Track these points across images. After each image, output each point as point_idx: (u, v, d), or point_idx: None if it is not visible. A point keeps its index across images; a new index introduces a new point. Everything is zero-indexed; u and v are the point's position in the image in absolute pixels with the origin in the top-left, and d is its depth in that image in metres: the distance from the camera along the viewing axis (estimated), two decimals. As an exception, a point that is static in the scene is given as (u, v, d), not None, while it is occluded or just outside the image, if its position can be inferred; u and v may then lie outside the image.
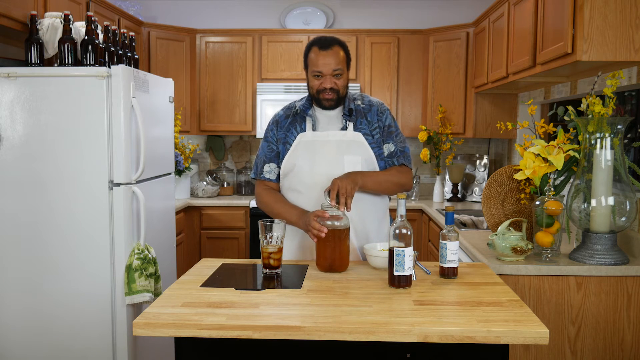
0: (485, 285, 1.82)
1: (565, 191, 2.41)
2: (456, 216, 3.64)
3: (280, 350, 1.55)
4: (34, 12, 2.60)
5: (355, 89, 4.29)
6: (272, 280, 1.88)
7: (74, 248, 2.57)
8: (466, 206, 4.21)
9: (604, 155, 2.16)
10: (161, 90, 3.08)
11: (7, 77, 2.51)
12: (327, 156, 2.17)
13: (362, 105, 2.25)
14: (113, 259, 2.59)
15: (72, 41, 2.59)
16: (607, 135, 2.15)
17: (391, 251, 1.75)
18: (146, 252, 2.64)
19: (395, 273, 1.75)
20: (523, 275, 2.20)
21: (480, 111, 4.17)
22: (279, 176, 2.27)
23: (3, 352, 2.60)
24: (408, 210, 4.09)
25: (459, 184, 4.48)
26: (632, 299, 2.19)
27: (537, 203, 2.25)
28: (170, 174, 3.29)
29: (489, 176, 4.35)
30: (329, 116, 2.23)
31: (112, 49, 2.77)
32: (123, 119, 2.55)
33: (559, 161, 2.21)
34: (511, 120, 4.15)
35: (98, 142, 2.54)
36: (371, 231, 2.22)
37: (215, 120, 4.54)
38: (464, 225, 3.46)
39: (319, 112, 2.24)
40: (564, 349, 2.22)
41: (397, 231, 1.74)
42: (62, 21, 2.60)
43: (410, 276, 1.77)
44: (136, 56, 3.00)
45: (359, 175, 2.08)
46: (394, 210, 1.85)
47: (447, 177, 4.52)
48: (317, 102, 2.20)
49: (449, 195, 4.49)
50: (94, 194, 2.55)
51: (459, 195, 4.46)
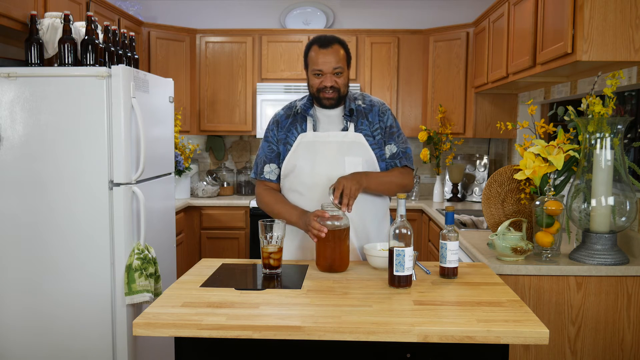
0: (485, 285, 1.82)
1: (565, 191, 2.41)
2: (456, 216, 3.64)
3: (280, 350, 1.55)
4: (34, 12, 2.60)
5: (355, 88, 4.29)
6: (272, 280, 1.88)
7: (74, 248, 2.57)
8: (466, 206, 4.21)
9: (604, 155, 2.16)
10: (161, 90, 3.08)
11: (7, 77, 2.51)
12: (328, 157, 2.17)
13: (363, 105, 2.23)
14: (113, 259, 2.59)
15: (72, 41, 2.60)
16: (607, 135, 2.15)
17: (391, 251, 1.75)
18: (146, 252, 2.64)
19: (395, 273, 1.75)
20: (523, 275, 2.20)
21: (480, 111, 4.17)
22: (279, 176, 2.27)
23: (3, 352, 2.60)
24: (408, 210, 4.09)
25: (459, 184, 4.48)
26: (632, 299, 2.19)
27: (537, 203, 2.25)
28: (170, 174, 3.29)
29: (489, 176, 4.35)
30: (329, 116, 2.22)
31: (112, 49, 2.77)
32: (123, 119, 2.55)
33: (559, 161, 2.21)
34: (511, 120, 4.15)
35: (98, 142, 2.54)
36: (371, 231, 2.22)
37: (215, 120, 4.54)
38: (464, 225, 3.46)
39: (320, 112, 2.23)
40: (564, 349, 2.22)
41: (397, 231, 1.74)
42: (62, 21, 2.60)
43: (410, 276, 1.77)
44: (136, 56, 3.00)
45: (364, 176, 2.07)
46: (394, 210, 1.85)
47: (447, 177, 4.52)
48: (318, 101, 2.19)
49: (449, 195, 4.49)
50: (94, 194, 2.56)
51: (459, 195, 4.46)
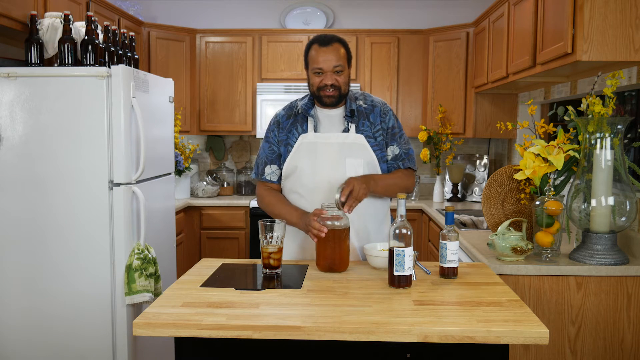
0: (485, 285, 1.82)
1: (565, 191, 2.41)
2: (456, 216, 3.64)
3: (280, 350, 1.55)
4: (34, 12, 2.60)
5: (355, 88, 4.28)
6: (272, 280, 1.88)
7: (74, 248, 2.57)
8: (466, 206, 4.21)
9: (604, 155, 2.15)
10: (161, 90, 3.08)
11: (7, 77, 2.51)
12: (329, 159, 2.16)
13: (364, 106, 2.23)
14: (113, 259, 2.59)
15: (72, 41, 2.59)
16: (607, 135, 2.14)
17: (391, 251, 1.75)
18: (146, 252, 2.64)
19: (395, 273, 1.75)
20: (523, 275, 2.20)
21: (480, 111, 4.17)
22: (280, 177, 2.26)
23: (3, 352, 2.60)
24: (408, 210, 4.09)
25: (459, 184, 4.48)
26: (632, 299, 2.19)
27: (537, 203, 2.25)
28: (170, 174, 3.29)
29: (489, 176, 4.35)
30: (330, 117, 2.22)
31: (112, 49, 2.77)
32: (123, 119, 2.55)
33: (559, 161, 2.21)
34: (511, 120, 4.15)
35: (98, 142, 2.54)
36: (372, 231, 2.22)
37: (215, 120, 4.54)
38: (464, 225, 3.46)
39: (321, 112, 2.22)
40: (564, 349, 2.22)
41: (397, 231, 1.74)
42: (62, 21, 2.60)
43: (410, 276, 1.77)
44: (136, 56, 3.00)
45: (372, 180, 2.08)
46: (394, 211, 1.85)
47: (447, 177, 4.52)
48: (319, 100, 2.18)
49: (449, 195, 4.49)
50: (94, 194, 2.56)
51: (459, 195, 4.46)
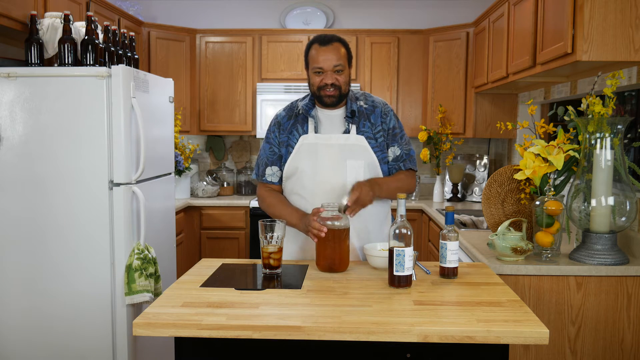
0: (485, 285, 1.82)
1: (565, 191, 2.41)
2: (456, 216, 3.64)
3: (280, 350, 1.55)
4: (34, 12, 2.60)
5: (355, 88, 4.29)
6: (272, 280, 1.88)
7: (74, 248, 2.57)
8: (466, 206, 4.21)
9: (604, 155, 2.15)
10: (161, 90, 3.08)
11: (7, 77, 2.51)
12: (330, 160, 2.16)
13: (364, 106, 2.22)
14: (113, 259, 2.59)
15: (72, 41, 2.59)
16: (607, 135, 2.14)
17: (391, 251, 1.75)
18: (146, 252, 2.64)
19: (395, 273, 1.75)
20: (523, 275, 2.20)
21: (480, 111, 4.17)
22: (281, 178, 2.26)
23: (3, 352, 2.60)
24: (408, 210, 4.09)
25: (459, 184, 4.48)
26: (632, 299, 2.19)
27: (537, 203, 2.25)
28: (170, 174, 3.29)
29: (489, 176, 4.35)
30: (331, 117, 2.21)
31: (112, 49, 2.77)
32: (123, 119, 2.55)
33: (559, 161, 2.21)
34: (511, 120, 4.15)
35: (98, 142, 2.54)
36: (373, 232, 2.22)
37: (215, 120, 4.54)
38: (464, 225, 3.46)
39: (322, 113, 2.22)
40: (564, 349, 2.22)
41: (397, 231, 1.74)
42: (62, 21, 2.60)
43: (410, 276, 1.77)
44: (136, 56, 3.00)
45: (377, 186, 2.09)
46: (395, 211, 1.85)
47: (447, 177, 4.52)
48: (319, 100, 2.17)
49: (449, 195, 4.49)
50: (94, 194, 2.56)
51: (459, 195, 4.46)
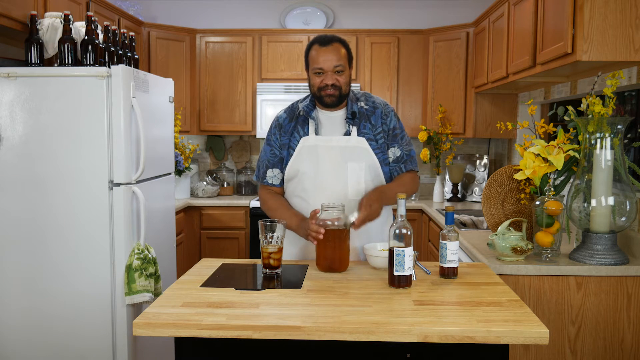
0: (485, 285, 1.82)
1: (565, 191, 2.41)
2: (456, 216, 3.64)
3: (280, 350, 1.55)
4: (34, 12, 2.60)
5: (355, 88, 4.29)
6: (272, 280, 1.88)
7: (74, 248, 2.57)
8: (466, 206, 4.21)
9: (604, 155, 2.15)
10: (161, 90, 3.08)
11: (7, 77, 2.51)
12: (331, 163, 2.15)
13: (365, 107, 2.21)
14: (113, 259, 2.59)
15: (72, 41, 2.59)
16: (607, 135, 2.14)
17: (391, 251, 1.75)
18: (146, 252, 2.64)
19: (395, 273, 1.75)
20: (523, 275, 2.20)
21: (480, 111, 4.17)
22: (283, 180, 2.26)
23: (3, 352, 2.60)
24: (408, 210, 4.09)
25: (459, 184, 4.48)
26: (632, 299, 2.19)
27: (537, 203, 2.25)
28: (170, 174, 3.29)
29: (489, 176, 4.35)
30: (332, 119, 2.21)
31: (112, 49, 2.77)
32: (123, 119, 2.55)
33: (559, 161, 2.21)
34: (511, 120, 4.15)
35: (98, 142, 2.54)
36: (373, 232, 2.21)
37: (215, 120, 4.54)
38: (464, 225, 3.46)
39: (322, 114, 2.21)
40: (564, 349, 2.22)
41: (397, 231, 1.74)
42: (62, 21, 2.60)
43: (410, 276, 1.77)
44: (136, 56, 3.00)
45: (384, 196, 2.08)
46: (395, 210, 1.86)
47: (447, 177, 4.52)
48: (319, 100, 2.17)
49: (449, 195, 4.49)
50: (94, 194, 2.56)
51: (459, 195, 4.46)
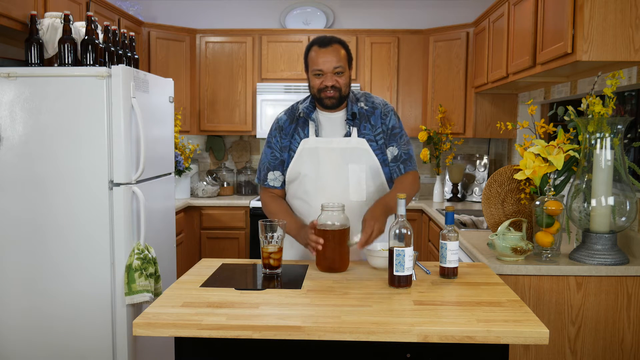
0: (485, 285, 1.82)
1: (565, 191, 2.41)
2: (456, 216, 3.64)
3: (280, 350, 1.55)
4: (34, 12, 2.60)
5: (355, 88, 4.29)
6: (272, 280, 1.88)
7: (74, 248, 2.57)
8: (466, 206, 4.21)
9: (604, 155, 2.15)
10: (161, 90, 3.08)
11: (7, 77, 2.51)
12: (332, 165, 2.15)
13: (365, 108, 2.21)
14: (113, 259, 2.59)
15: (72, 41, 2.59)
16: (607, 135, 2.14)
17: (391, 251, 1.75)
18: (146, 252, 2.64)
19: (395, 273, 1.75)
20: (523, 275, 2.20)
21: (480, 111, 4.17)
22: (284, 182, 2.26)
23: (3, 352, 2.60)
24: (408, 210, 4.08)
25: (459, 184, 4.48)
26: (632, 299, 2.19)
27: (537, 203, 2.25)
28: (170, 174, 3.29)
29: (489, 176, 4.35)
30: (332, 120, 2.21)
31: (112, 49, 2.77)
32: (123, 119, 2.55)
33: (559, 161, 2.21)
34: (511, 120, 4.15)
35: (98, 142, 2.54)
36: None
37: (215, 120, 4.54)
38: (464, 225, 3.46)
39: (322, 116, 2.21)
40: (564, 349, 2.22)
41: (397, 231, 1.74)
42: (62, 21, 2.60)
43: (410, 276, 1.77)
44: (136, 56, 3.00)
45: (389, 210, 2.03)
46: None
47: (447, 177, 4.52)
48: (319, 102, 2.16)
49: (449, 195, 4.49)
50: (94, 194, 2.55)
51: (459, 195, 4.46)
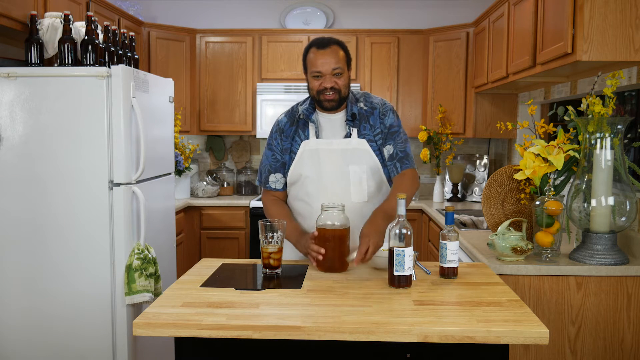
0: (485, 285, 1.82)
1: (565, 191, 2.41)
2: (456, 216, 3.64)
3: (280, 350, 1.55)
4: (34, 12, 2.60)
5: (355, 88, 4.29)
6: (272, 280, 1.88)
7: (74, 248, 2.57)
8: (466, 206, 4.21)
9: (604, 155, 2.15)
10: (161, 90, 3.08)
11: (7, 77, 2.51)
12: (332, 166, 2.15)
13: (364, 108, 2.21)
14: (113, 259, 2.59)
15: (72, 41, 2.59)
16: (607, 135, 2.14)
17: (391, 251, 1.75)
18: (146, 252, 2.64)
19: (395, 273, 1.75)
20: (523, 275, 2.20)
21: (480, 111, 4.17)
22: (285, 184, 2.26)
23: (3, 352, 2.60)
24: (408, 210, 4.07)
25: (459, 184, 4.48)
26: (632, 299, 2.19)
27: (537, 203, 2.25)
28: (170, 174, 3.29)
29: (489, 176, 4.35)
30: (332, 121, 2.20)
31: (112, 49, 2.77)
32: (123, 119, 2.55)
33: (559, 161, 2.21)
34: (511, 120, 4.15)
35: (98, 142, 2.54)
36: None
37: (215, 120, 4.54)
38: (464, 225, 3.46)
39: (322, 117, 2.21)
40: (564, 349, 2.22)
41: (397, 231, 1.74)
42: (62, 21, 2.60)
43: (410, 276, 1.77)
44: (136, 56, 3.00)
45: (389, 216, 2.00)
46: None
47: (447, 177, 4.52)
48: (319, 104, 2.16)
49: (449, 195, 4.49)
50: (94, 194, 2.55)
51: (459, 195, 4.46)
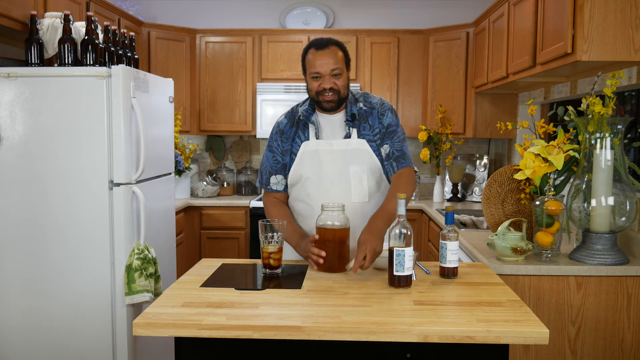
0: (485, 285, 1.82)
1: (565, 191, 2.41)
2: (456, 216, 3.64)
3: (280, 350, 1.55)
4: (34, 12, 2.60)
5: (355, 88, 4.29)
6: (272, 280, 1.88)
7: (74, 248, 2.57)
8: (466, 206, 4.21)
9: (604, 155, 2.16)
10: (161, 90, 3.08)
11: (7, 77, 2.51)
12: (333, 167, 2.15)
13: (364, 108, 2.21)
14: (113, 259, 2.59)
15: (72, 41, 2.59)
16: (607, 135, 2.14)
17: (391, 251, 1.75)
18: (146, 252, 2.64)
19: (395, 273, 1.75)
20: (523, 275, 2.20)
21: (480, 111, 4.17)
22: (286, 186, 2.26)
23: (3, 352, 2.60)
24: (408, 210, 4.07)
25: (459, 184, 4.48)
26: (632, 299, 2.19)
27: (537, 203, 2.25)
28: (170, 174, 3.29)
29: (489, 176, 4.35)
30: (331, 122, 2.20)
31: (112, 49, 2.77)
32: (123, 119, 2.55)
33: (559, 161, 2.21)
34: (511, 120, 4.15)
35: (98, 142, 2.54)
36: None
37: (215, 120, 4.54)
38: (464, 225, 3.46)
39: (322, 118, 2.21)
40: (564, 349, 2.22)
41: (397, 231, 1.74)
42: (62, 21, 2.60)
43: (410, 276, 1.77)
44: (136, 56, 3.00)
45: (386, 227, 1.97)
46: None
47: (447, 177, 4.52)
48: (318, 105, 2.16)
49: (449, 195, 4.49)
50: (94, 194, 2.55)
51: (459, 195, 4.46)
